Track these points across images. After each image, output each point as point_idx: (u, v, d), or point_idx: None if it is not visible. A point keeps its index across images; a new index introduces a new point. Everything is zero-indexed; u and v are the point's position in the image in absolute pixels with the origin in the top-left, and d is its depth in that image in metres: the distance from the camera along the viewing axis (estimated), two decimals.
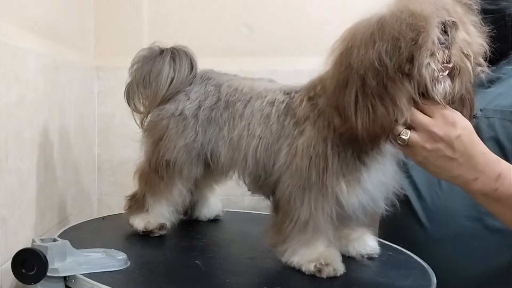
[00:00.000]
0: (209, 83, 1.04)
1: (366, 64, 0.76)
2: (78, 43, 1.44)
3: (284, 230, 0.88)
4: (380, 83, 0.76)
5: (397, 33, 0.74)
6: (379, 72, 0.75)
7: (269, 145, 0.92)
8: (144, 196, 1.06)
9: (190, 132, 1.01)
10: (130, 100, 1.10)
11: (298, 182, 0.87)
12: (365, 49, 0.76)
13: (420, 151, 0.80)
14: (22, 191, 1.01)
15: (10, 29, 0.97)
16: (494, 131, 1.05)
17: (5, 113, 0.93)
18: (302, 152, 0.87)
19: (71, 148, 1.32)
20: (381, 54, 0.74)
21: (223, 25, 1.55)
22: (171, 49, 1.08)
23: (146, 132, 1.07)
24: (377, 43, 0.75)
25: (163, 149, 1.02)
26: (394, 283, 0.86)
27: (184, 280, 0.84)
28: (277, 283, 0.83)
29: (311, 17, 1.54)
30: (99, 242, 0.99)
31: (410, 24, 0.74)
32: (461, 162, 0.80)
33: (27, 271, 0.79)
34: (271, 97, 0.95)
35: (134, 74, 1.08)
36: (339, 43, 0.82)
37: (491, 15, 0.79)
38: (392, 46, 0.74)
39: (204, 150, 1.01)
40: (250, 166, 0.94)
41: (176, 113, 1.02)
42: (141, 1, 1.55)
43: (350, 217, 0.91)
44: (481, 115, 1.07)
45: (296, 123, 0.90)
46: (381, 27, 0.76)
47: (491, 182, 0.81)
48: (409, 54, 0.74)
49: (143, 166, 1.07)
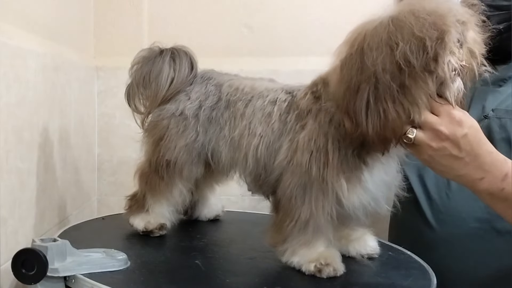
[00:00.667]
0: (210, 83, 1.04)
1: (386, 66, 0.75)
2: (78, 43, 1.44)
3: (285, 230, 0.87)
4: (402, 84, 0.75)
5: (420, 32, 0.73)
6: (402, 72, 0.74)
7: (270, 143, 0.92)
8: (144, 196, 1.05)
9: (190, 132, 1.01)
10: (131, 101, 1.10)
11: (299, 180, 0.86)
12: (384, 51, 0.75)
13: (426, 150, 0.79)
14: (22, 191, 1.01)
15: (10, 29, 0.97)
16: (506, 132, 1.03)
17: (5, 113, 0.93)
18: (303, 146, 0.87)
19: (71, 148, 1.32)
20: (407, 54, 0.73)
21: (223, 25, 1.55)
22: (171, 49, 1.07)
23: (146, 132, 1.07)
24: (400, 43, 0.74)
25: (163, 149, 1.02)
26: (394, 283, 0.86)
27: (184, 280, 0.84)
28: (277, 283, 0.83)
29: (311, 17, 1.54)
30: (99, 242, 0.99)
31: (433, 23, 0.74)
32: (467, 161, 0.79)
33: (27, 271, 0.79)
34: (273, 96, 0.95)
35: (134, 75, 1.08)
36: (346, 45, 0.81)
37: (504, 12, 0.78)
38: (417, 45, 0.74)
39: (205, 150, 1.01)
40: (250, 165, 0.94)
41: (177, 113, 1.02)
42: (141, 1, 1.55)
43: (351, 217, 0.90)
44: (492, 116, 1.06)
45: (299, 116, 0.90)
46: (399, 28, 0.75)
47: (498, 182, 0.81)
48: (435, 53, 0.74)
49: (143, 166, 1.07)
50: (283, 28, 1.54)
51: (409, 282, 0.86)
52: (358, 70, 0.77)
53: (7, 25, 0.96)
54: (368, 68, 0.76)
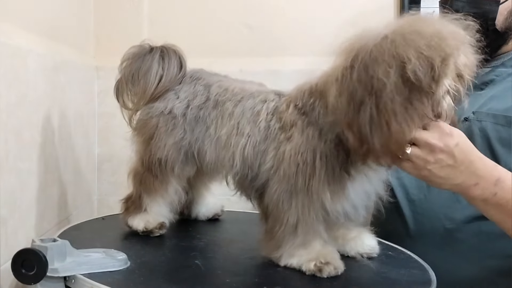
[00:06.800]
0: (199, 83, 1.04)
1: (393, 80, 0.75)
2: (78, 43, 1.44)
3: (276, 235, 0.88)
4: (405, 98, 0.75)
5: (428, 52, 0.74)
6: (407, 87, 0.75)
7: (256, 143, 0.92)
8: (140, 196, 1.05)
9: (179, 131, 1.01)
10: (119, 97, 1.10)
11: (286, 187, 0.87)
12: (393, 65, 0.75)
13: (424, 165, 0.80)
14: (22, 191, 1.01)
15: (10, 29, 0.97)
16: (486, 135, 1.05)
17: (5, 113, 0.93)
18: (289, 158, 0.87)
19: (71, 148, 1.32)
20: (417, 70, 0.74)
21: (223, 25, 1.55)
22: (160, 48, 1.08)
23: (136, 131, 1.07)
24: (413, 59, 0.74)
25: (154, 148, 1.02)
26: (394, 283, 0.86)
27: (184, 280, 0.84)
28: (277, 283, 0.83)
29: (311, 17, 1.54)
30: (99, 242, 0.99)
31: (438, 45, 0.75)
32: (462, 170, 0.81)
33: (27, 271, 0.79)
34: (263, 96, 0.96)
35: (124, 71, 1.09)
36: (342, 57, 0.81)
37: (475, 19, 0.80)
38: (426, 64, 0.74)
39: (192, 149, 1.01)
40: (237, 165, 0.94)
41: (166, 111, 1.02)
42: (141, 1, 1.55)
43: (338, 220, 0.92)
44: (473, 118, 1.08)
45: (282, 128, 0.90)
46: (408, 44, 0.75)
47: (491, 187, 0.83)
48: (439, 74, 0.75)
49: (136, 166, 1.07)
50: (283, 28, 1.54)
51: (409, 282, 0.86)
52: (361, 83, 0.77)
53: (7, 25, 0.96)
54: (371, 81, 0.76)
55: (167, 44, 1.09)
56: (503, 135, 1.04)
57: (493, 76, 1.12)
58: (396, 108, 0.75)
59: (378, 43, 0.77)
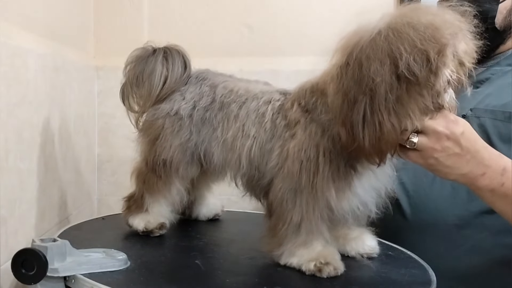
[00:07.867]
0: (204, 84, 1.04)
1: (385, 77, 0.74)
2: (78, 43, 1.44)
3: (279, 233, 0.88)
4: (399, 96, 0.75)
5: (422, 45, 0.74)
6: (402, 84, 0.75)
7: (263, 143, 0.93)
8: (143, 196, 1.05)
9: (185, 132, 1.01)
10: (125, 100, 1.10)
11: (290, 185, 0.87)
12: (385, 61, 0.75)
13: (430, 153, 0.80)
14: (22, 191, 1.01)
15: (10, 29, 0.97)
16: (485, 131, 1.05)
17: (5, 113, 0.93)
18: (293, 156, 0.87)
19: (71, 148, 1.32)
20: (411, 66, 0.74)
21: (223, 25, 1.55)
22: (163, 49, 1.08)
23: (141, 132, 1.07)
24: (404, 54, 0.73)
25: (159, 149, 1.02)
26: (394, 283, 0.85)
27: (184, 280, 0.84)
28: (277, 283, 0.83)
29: (311, 17, 1.54)
30: (99, 242, 0.99)
31: (432, 37, 0.74)
32: (469, 158, 0.82)
33: (27, 271, 0.79)
34: (268, 97, 0.96)
35: (128, 74, 1.09)
36: (339, 53, 0.81)
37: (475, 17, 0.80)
38: (420, 57, 0.74)
39: (198, 150, 1.01)
40: (244, 167, 0.94)
41: (172, 112, 1.02)
42: (141, 1, 1.55)
43: (345, 219, 0.91)
44: (471, 115, 1.08)
45: (287, 126, 0.91)
46: (400, 39, 0.74)
47: (498, 176, 0.83)
48: (436, 66, 0.75)
49: (140, 166, 1.07)
50: (283, 28, 1.54)
51: (409, 282, 0.86)
52: (355, 81, 0.77)
53: (7, 25, 0.96)
54: (365, 79, 0.76)
55: (170, 45, 1.09)
56: (502, 131, 1.04)
57: (489, 74, 1.12)
58: (390, 108, 0.75)
59: (372, 39, 0.77)
